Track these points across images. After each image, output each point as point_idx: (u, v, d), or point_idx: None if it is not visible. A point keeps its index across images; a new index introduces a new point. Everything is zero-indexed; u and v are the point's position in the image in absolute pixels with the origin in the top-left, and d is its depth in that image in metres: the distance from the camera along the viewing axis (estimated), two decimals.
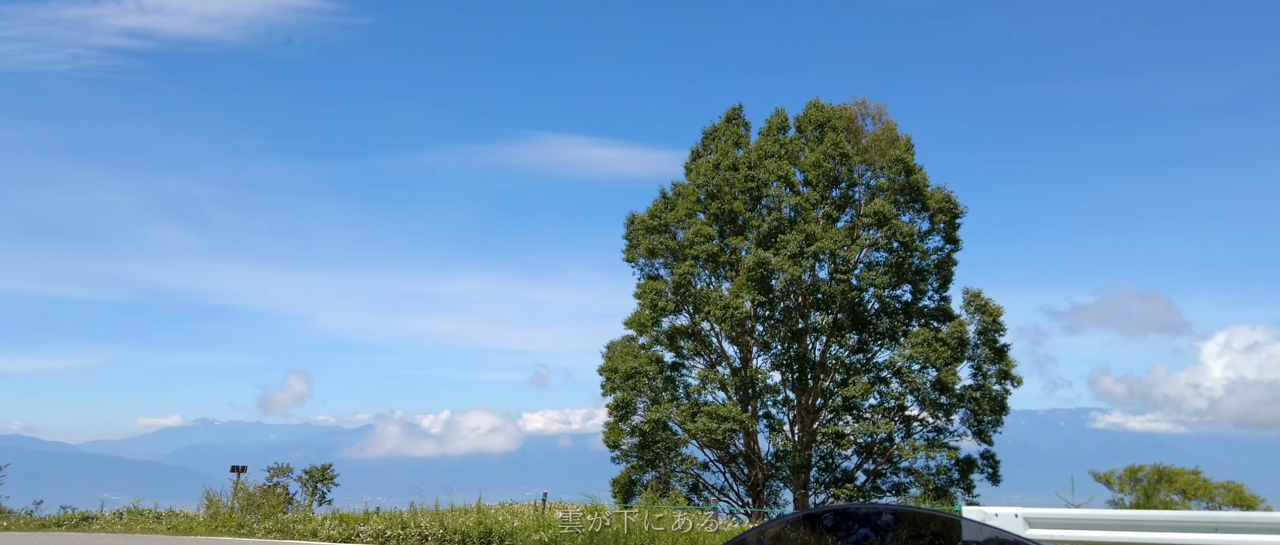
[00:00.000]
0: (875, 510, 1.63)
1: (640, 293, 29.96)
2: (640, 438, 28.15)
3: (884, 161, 28.36)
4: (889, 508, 1.62)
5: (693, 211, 29.36)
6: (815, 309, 28.54)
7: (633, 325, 29.87)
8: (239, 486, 23.62)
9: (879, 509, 1.63)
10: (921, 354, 26.28)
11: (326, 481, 35.60)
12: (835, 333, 28.45)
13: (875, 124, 29.53)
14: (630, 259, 30.57)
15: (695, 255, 27.96)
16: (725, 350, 30.03)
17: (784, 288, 26.83)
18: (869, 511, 1.62)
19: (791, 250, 26.66)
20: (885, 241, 27.62)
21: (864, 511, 1.61)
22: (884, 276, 27.52)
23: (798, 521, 1.48)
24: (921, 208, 28.73)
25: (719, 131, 30.96)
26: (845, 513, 1.54)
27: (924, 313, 29.07)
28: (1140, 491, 22.57)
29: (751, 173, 28.29)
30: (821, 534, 1.54)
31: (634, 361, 28.07)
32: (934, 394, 27.66)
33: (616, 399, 28.25)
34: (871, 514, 1.60)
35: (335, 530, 18.57)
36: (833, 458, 29.74)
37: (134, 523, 22.91)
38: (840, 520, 1.58)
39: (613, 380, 28.40)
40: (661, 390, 28.49)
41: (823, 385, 29.08)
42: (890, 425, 26.76)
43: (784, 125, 30.41)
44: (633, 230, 30.46)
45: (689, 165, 31.17)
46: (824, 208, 28.17)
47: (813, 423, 29.12)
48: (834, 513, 1.57)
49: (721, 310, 26.88)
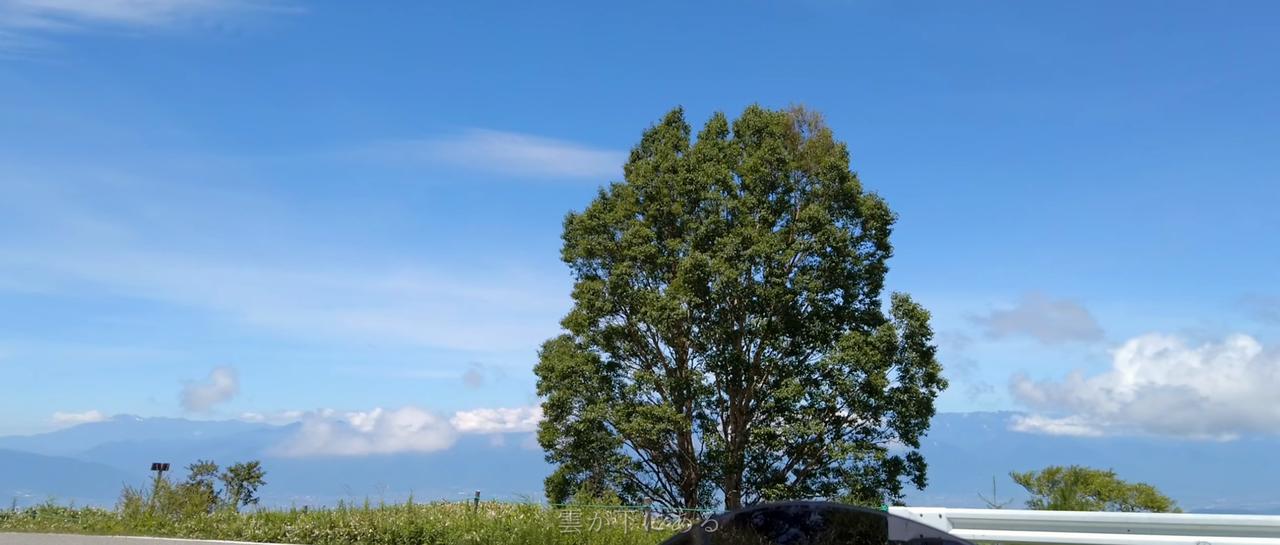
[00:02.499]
0: (805, 509, 1.70)
1: (578, 293, 29.99)
2: (575, 437, 28.18)
3: (819, 168, 28.89)
4: (819, 506, 1.68)
5: (631, 213, 29.51)
6: (750, 312, 28.95)
7: (569, 325, 29.89)
8: (160, 485, 22.97)
9: (809, 507, 1.70)
10: (852, 357, 26.85)
11: (253, 480, 34.80)
12: (769, 335, 28.90)
13: (811, 131, 30.08)
14: (568, 259, 30.58)
15: (633, 256, 28.10)
16: (661, 351, 30.24)
17: (720, 290, 27.17)
18: (799, 511, 1.71)
19: (728, 253, 27.01)
20: (819, 246, 28.15)
21: (794, 511, 1.69)
22: (817, 281, 28.06)
23: (731, 521, 1.52)
24: (854, 214, 29.35)
25: (659, 134, 31.18)
26: (776, 511, 1.60)
27: (855, 316, 29.70)
28: (1057, 493, 23.45)
29: (690, 175, 28.56)
30: (753, 533, 1.54)
31: (570, 361, 28.09)
32: (863, 396, 28.28)
33: (552, 398, 28.24)
34: (801, 513, 1.67)
35: (261, 529, 18.20)
36: (764, 458, 30.17)
37: (48, 522, 22.12)
38: (771, 519, 1.60)
39: (548, 379, 28.39)
40: (597, 390, 28.57)
41: (756, 387, 29.49)
42: (821, 427, 27.29)
43: (723, 129, 30.78)
44: (571, 230, 30.47)
45: (628, 166, 31.31)
46: (760, 212, 28.60)
47: (746, 424, 29.51)
48: (764, 511, 1.62)
49: (658, 311, 27.08)
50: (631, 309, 29.19)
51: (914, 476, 28.97)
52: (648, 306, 27.48)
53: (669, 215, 29.26)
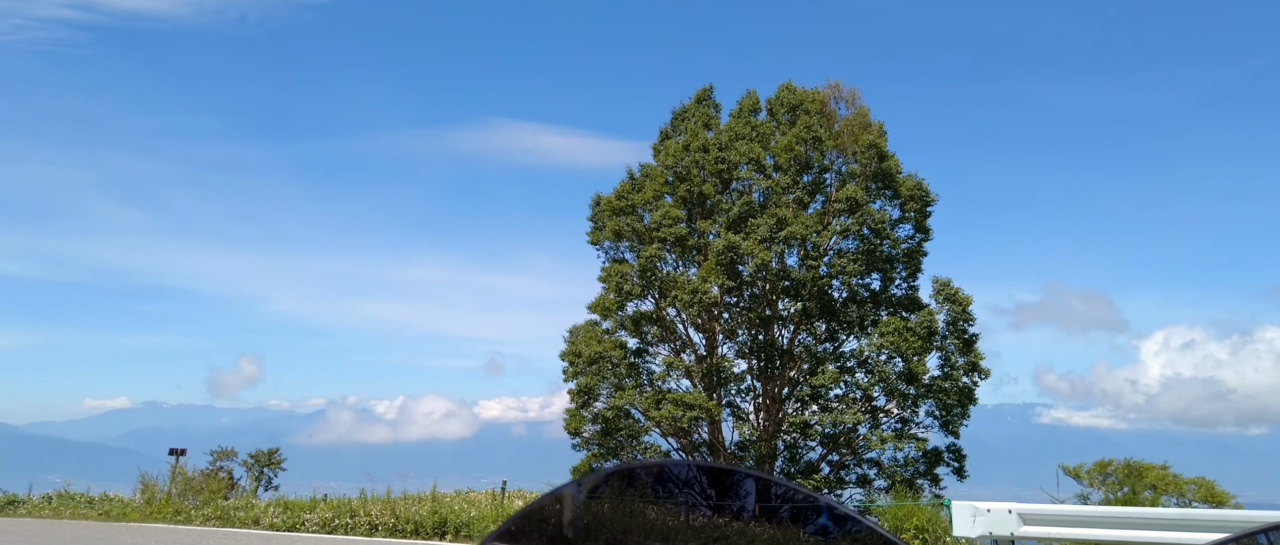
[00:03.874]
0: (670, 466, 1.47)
1: (605, 276, 29.07)
2: (603, 425, 27.31)
3: (856, 147, 27.75)
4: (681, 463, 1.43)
5: (660, 194, 28.51)
6: (783, 296, 27.91)
7: (596, 309, 28.99)
8: (177, 471, 22.38)
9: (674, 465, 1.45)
10: (891, 343, 25.76)
11: (273, 467, 34.31)
12: (804, 321, 27.83)
13: (848, 108, 28.91)
14: (595, 241, 29.66)
15: (662, 238, 27.13)
16: (691, 337, 29.29)
17: (753, 273, 26.10)
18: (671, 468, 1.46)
19: (762, 235, 25.95)
20: (856, 228, 27.04)
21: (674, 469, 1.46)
22: (854, 264, 26.94)
23: (603, 479, 1.40)
24: (893, 195, 28.20)
25: (688, 112, 30.12)
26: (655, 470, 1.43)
27: (893, 302, 28.57)
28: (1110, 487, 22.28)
29: (722, 155, 27.51)
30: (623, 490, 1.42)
31: (598, 346, 27.19)
32: (901, 384, 27.19)
33: (579, 384, 27.36)
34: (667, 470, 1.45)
35: (279, 518, 17.49)
36: (797, 448, 29.19)
37: (63, 507, 21.60)
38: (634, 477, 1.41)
39: (576, 365, 27.51)
40: (625, 376, 27.67)
41: (789, 374, 28.47)
42: (858, 416, 26.22)
43: (755, 108, 29.67)
44: (598, 212, 29.53)
45: (657, 146, 30.29)
46: (795, 193, 27.49)
47: (778, 412, 28.52)
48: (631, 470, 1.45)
49: (689, 295, 26.09)
50: (660, 293, 28.24)
51: (954, 468, 27.87)
52: (678, 290, 26.50)
53: (700, 196, 28.23)
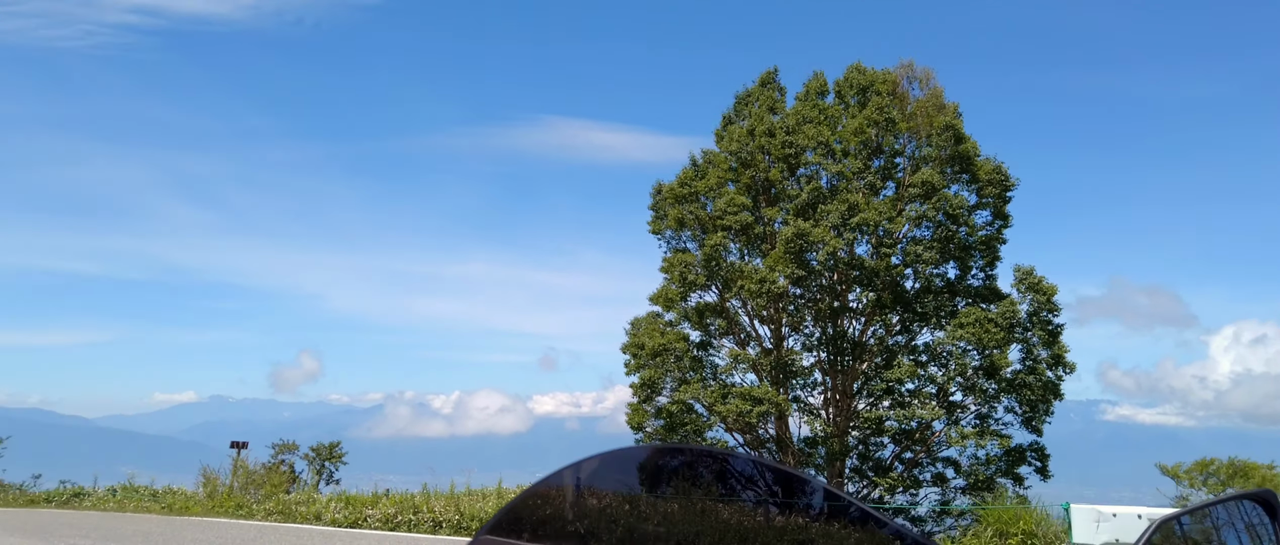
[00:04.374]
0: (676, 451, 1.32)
1: (667, 266, 28.23)
2: (666, 419, 26.47)
3: (931, 129, 26.44)
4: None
5: (724, 181, 27.52)
6: (854, 286, 26.73)
7: (658, 301, 28.16)
8: (239, 464, 22.13)
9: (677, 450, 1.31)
10: (971, 335, 24.45)
11: (334, 460, 34.21)
12: (876, 312, 26.62)
13: (922, 89, 27.57)
14: (656, 231, 28.82)
15: (727, 226, 26.16)
16: (756, 330, 28.30)
17: (823, 262, 24.96)
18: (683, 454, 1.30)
19: (832, 222, 24.84)
20: (932, 215, 25.76)
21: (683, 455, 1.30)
22: (929, 252, 25.65)
23: (601, 462, 1.25)
24: (970, 179, 26.85)
25: (752, 96, 29.07)
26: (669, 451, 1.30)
27: (970, 291, 27.22)
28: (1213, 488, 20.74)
29: (789, 139, 26.42)
30: (629, 473, 1.28)
31: (660, 339, 26.36)
32: (980, 379, 25.87)
33: (642, 378, 26.56)
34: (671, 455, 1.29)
35: (341, 513, 16.98)
36: (868, 445, 28.04)
37: (127, 500, 21.49)
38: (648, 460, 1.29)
39: (638, 358, 26.70)
40: (689, 370, 26.80)
41: (860, 368, 27.31)
42: (936, 411, 24.96)
43: (823, 90, 28.50)
44: (659, 200, 28.69)
45: (719, 132, 29.31)
46: (866, 178, 26.27)
47: (848, 407, 27.40)
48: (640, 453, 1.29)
49: (756, 285, 25.09)
50: (724, 284, 27.30)
51: (1037, 467, 26.43)
52: (744, 280, 25.51)
53: (765, 183, 27.20)
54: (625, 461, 1.36)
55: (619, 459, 1.35)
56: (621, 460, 1.35)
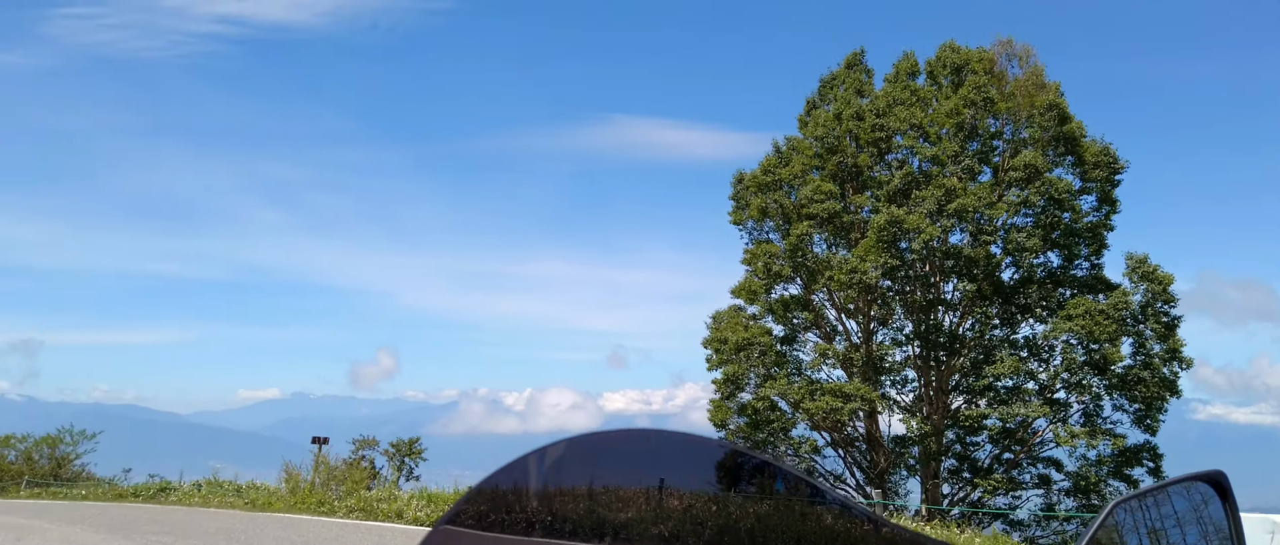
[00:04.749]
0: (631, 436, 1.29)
1: (749, 257, 27.23)
2: (751, 416, 25.48)
3: (1033, 109, 24.84)
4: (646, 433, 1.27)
5: (808, 168, 26.34)
6: (952, 276, 25.28)
7: (741, 294, 27.17)
8: (320, 460, 21.94)
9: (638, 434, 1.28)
10: (1081, 328, 22.83)
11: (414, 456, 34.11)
12: (978, 303, 25.13)
13: (1021, 67, 25.96)
14: (737, 221, 27.82)
15: (812, 215, 24.98)
16: (844, 323, 27.07)
17: (918, 251, 23.58)
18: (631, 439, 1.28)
19: (927, 208, 23.46)
20: (1035, 199, 24.18)
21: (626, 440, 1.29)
22: (1032, 240, 24.07)
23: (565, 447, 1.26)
24: (1076, 162, 25.18)
25: (838, 79, 27.82)
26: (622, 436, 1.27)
27: (1075, 281, 25.53)
28: None
29: (879, 121, 25.12)
30: (594, 460, 1.29)
31: (743, 333, 25.36)
32: (1089, 375, 24.22)
33: (725, 373, 25.60)
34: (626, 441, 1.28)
35: (423, 511, 16.47)
36: (964, 445, 26.59)
37: (212, 495, 21.48)
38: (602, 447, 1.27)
39: (721, 353, 25.75)
40: (774, 365, 25.75)
41: (955, 363, 25.88)
42: (1043, 408, 23.41)
43: (914, 71, 27.06)
44: (740, 190, 27.67)
45: (803, 118, 28.14)
46: (963, 161, 24.79)
47: (944, 405, 26.00)
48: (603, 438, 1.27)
49: (845, 276, 23.87)
50: (809, 275, 26.16)
51: (1150, 469, 24.64)
52: (833, 271, 24.32)
53: (853, 169, 25.93)
54: (587, 450, 1.27)
55: (581, 447, 1.26)
56: (584, 448, 1.26)
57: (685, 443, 1.25)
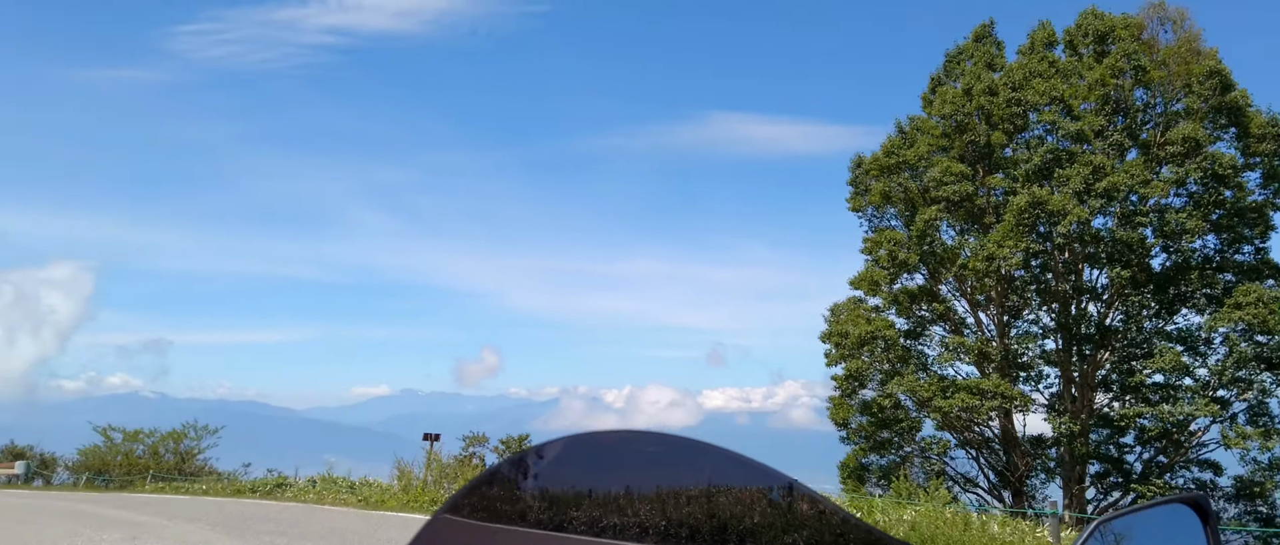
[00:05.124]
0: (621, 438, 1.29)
1: (870, 246, 25.66)
2: (876, 414, 23.92)
3: (1190, 77, 22.48)
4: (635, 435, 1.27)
5: (935, 149, 24.56)
6: (1099, 263, 23.14)
7: (861, 284, 25.62)
8: (432, 456, 21.55)
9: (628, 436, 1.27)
10: (1254, 318, 20.46)
11: None
12: (1131, 291, 22.91)
13: (1174, 33, 23.59)
14: (857, 208, 26.26)
15: (942, 199, 23.24)
16: (977, 315, 25.21)
17: (1064, 235, 21.53)
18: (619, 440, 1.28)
19: (1073, 188, 21.44)
20: (1193, 176, 21.86)
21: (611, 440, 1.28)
22: (1194, 220, 21.74)
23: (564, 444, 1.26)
24: (1239, 134, 22.70)
25: (966, 53, 25.91)
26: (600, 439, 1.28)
27: (1238, 267, 23.02)
28: None
29: (1015, 95, 23.16)
30: (593, 456, 1.28)
31: (866, 326, 23.82)
32: (1256, 371, 21.76)
33: (847, 369, 24.12)
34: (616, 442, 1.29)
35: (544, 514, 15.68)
36: (1110, 447, 24.38)
37: (326, 491, 21.35)
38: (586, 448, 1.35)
39: (841, 347, 24.27)
40: (898, 360, 24.13)
41: (1103, 357, 23.71)
42: (1211, 408, 21.12)
43: (1051, 40, 24.95)
44: (859, 174, 26.10)
45: (927, 96, 26.37)
46: (1110, 136, 22.62)
47: (1089, 403, 23.87)
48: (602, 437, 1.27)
49: (981, 263, 22.07)
50: (937, 263, 24.42)
51: None
52: (972, 257, 22.55)
53: (985, 148, 24.04)
54: (588, 446, 1.28)
55: (582, 443, 1.27)
56: (584, 445, 1.28)
57: (678, 445, 1.23)
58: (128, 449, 32.15)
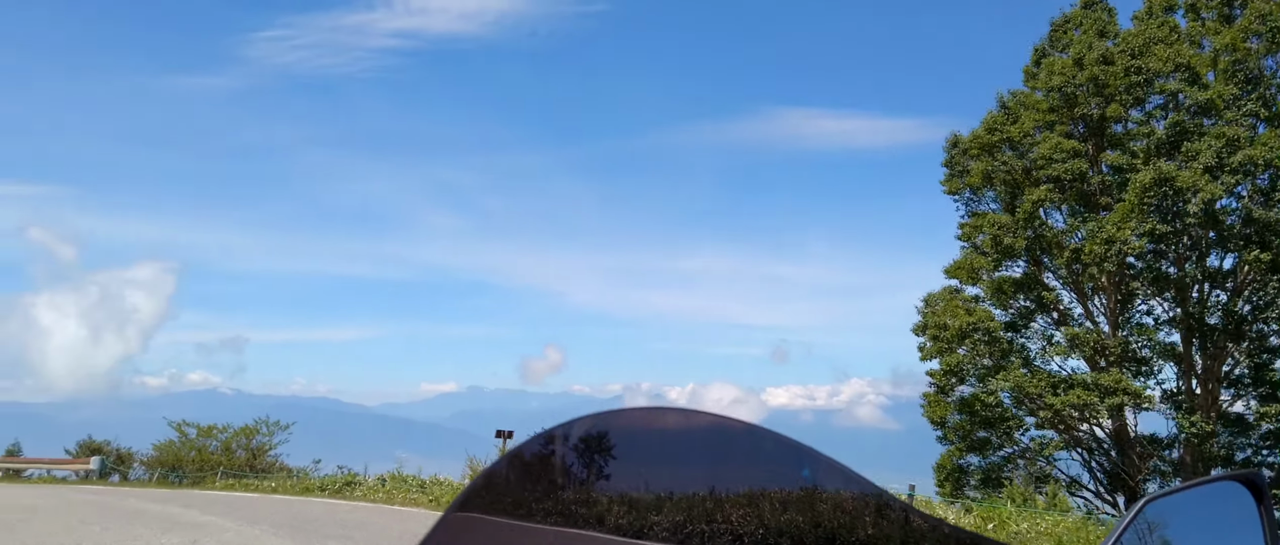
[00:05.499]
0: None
1: (968, 232, 23.87)
2: (977, 412, 22.14)
3: None
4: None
5: (1042, 124, 22.62)
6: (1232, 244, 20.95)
7: (959, 273, 23.83)
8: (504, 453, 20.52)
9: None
10: None
11: None
12: (1266, 277, 20.70)
13: None
14: (953, 191, 24.47)
15: (1054, 178, 21.32)
16: (1087, 304, 23.21)
17: (1197, 214, 19.43)
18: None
19: (1205, 162, 19.36)
20: None
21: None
22: None
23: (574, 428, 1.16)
24: None
25: (1074, 21, 23.87)
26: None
27: None
28: None
29: (1135, 63, 21.11)
30: (604, 441, 1.18)
31: (967, 317, 22.05)
32: None
33: (945, 363, 22.39)
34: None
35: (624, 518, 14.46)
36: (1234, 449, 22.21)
37: (396, 490, 20.48)
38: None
39: (939, 340, 22.54)
40: (1002, 354, 22.31)
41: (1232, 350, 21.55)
42: None
43: (1170, 4, 22.78)
44: (955, 155, 24.29)
45: (1030, 68, 24.40)
46: (1245, 105, 20.44)
47: (1215, 401, 21.74)
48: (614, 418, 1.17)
49: (1101, 247, 20.11)
50: (1044, 248, 22.52)
51: None
52: (1088, 240, 20.62)
53: (1098, 122, 22.03)
54: (598, 431, 1.19)
55: (592, 428, 1.18)
56: (595, 429, 1.19)
57: (705, 423, 1.18)
58: (201, 444, 32.06)
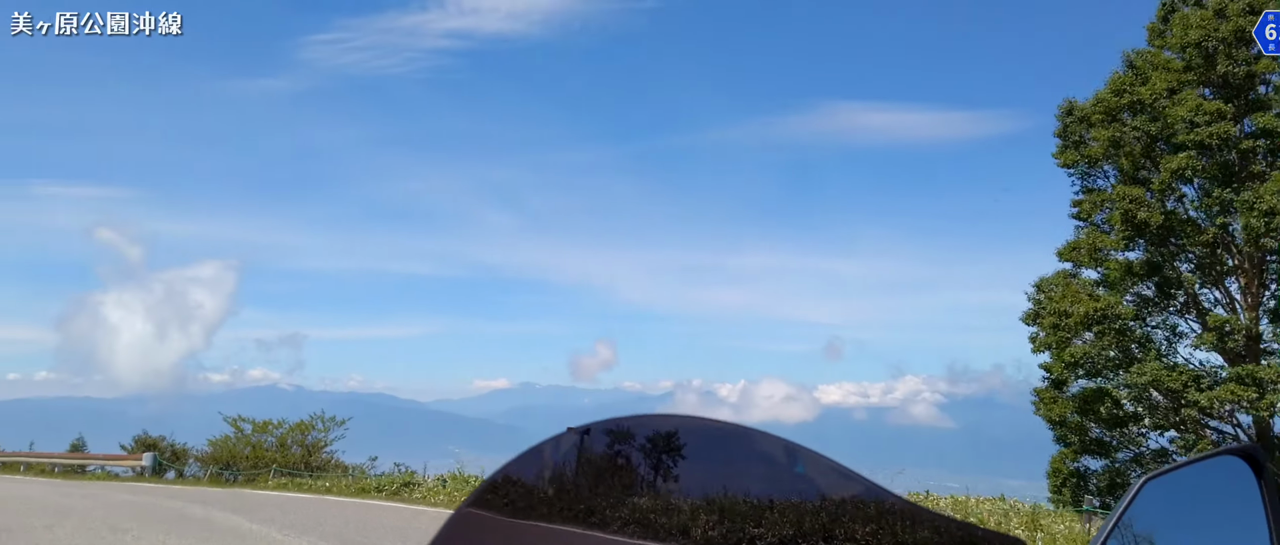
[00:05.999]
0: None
1: (1087, 208, 21.38)
2: (1105, 411, 19.69)
3: None
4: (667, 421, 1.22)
5: (1177, 85, 20.01)
6: None
7: (1076, 255, 21.33)
8: None
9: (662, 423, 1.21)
10: None
11: None
12: None
13: None
14: (1069, 163, 21.96)
15: (1197, 144, 18.75)
16: (1227, 289, 20.58)
17: None
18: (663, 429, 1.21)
19: None
20: None
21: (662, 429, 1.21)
22: None
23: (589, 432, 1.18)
24: None
25: None
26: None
27: None
28: None
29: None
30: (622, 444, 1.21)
31: (1092, 303, 19.58)
32: None
33: (1066, 356, 19.94)
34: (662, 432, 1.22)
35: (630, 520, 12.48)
36: None
37: (456, 491, 18.79)
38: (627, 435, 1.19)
39: (1059, 330, 20.09)
40: (1132, 344, 19.82)
41: None
42: None
43: None
44: (1070, 122, 21.78)
45: (1155, 26, 21.73)
46: None
47: None
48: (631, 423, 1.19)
49: (1259, 220, 17.52)
50: (1179, 226, 19.96)
51: None
52: (1243, 213, 18.04)
53: (1245, 79, 19.38)
54: (616, 434, 1.25)
55: (609, 430, 1.24)
56: (612, 432, 1.24)
57: (710, 430, 1.18)
58: (257, 440, 30.95)
